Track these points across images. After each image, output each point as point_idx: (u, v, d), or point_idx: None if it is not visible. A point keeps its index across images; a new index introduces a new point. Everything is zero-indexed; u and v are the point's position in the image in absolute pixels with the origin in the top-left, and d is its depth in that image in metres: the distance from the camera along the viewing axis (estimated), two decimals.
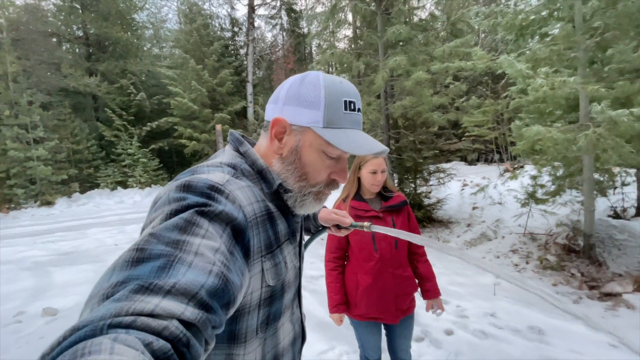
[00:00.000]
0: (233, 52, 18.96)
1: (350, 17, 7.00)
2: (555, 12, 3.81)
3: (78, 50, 15.23)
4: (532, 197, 4.82)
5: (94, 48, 15.08)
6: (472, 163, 16.89)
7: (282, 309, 0.67)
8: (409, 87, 5.23)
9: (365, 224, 0.90)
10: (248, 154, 0.66)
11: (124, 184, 13.48)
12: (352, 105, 0.62)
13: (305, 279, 3.85)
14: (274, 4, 17.89)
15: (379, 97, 6.12)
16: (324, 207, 1.00)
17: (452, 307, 3.11)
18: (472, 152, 13.87)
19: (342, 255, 1.65)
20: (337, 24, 6.64)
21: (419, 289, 1.66)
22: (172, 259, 0.40)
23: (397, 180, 6.44)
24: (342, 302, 1.60)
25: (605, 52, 3.43)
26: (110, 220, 8.34)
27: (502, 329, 2.71)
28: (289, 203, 0.67)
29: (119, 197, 12.16)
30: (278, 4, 18.00)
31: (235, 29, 19.26)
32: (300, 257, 0.76)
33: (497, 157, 13.45)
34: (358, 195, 1.62)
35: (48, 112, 12.07)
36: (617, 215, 5.06)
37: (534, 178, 4.95)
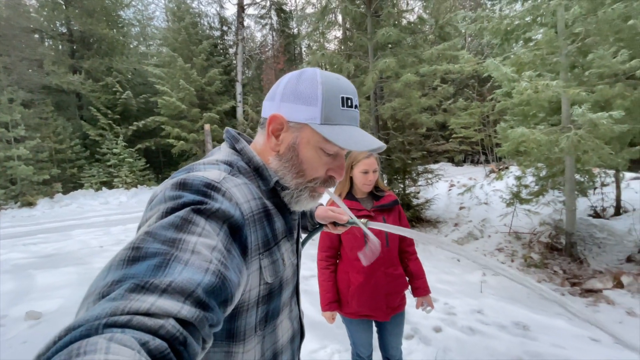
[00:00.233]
0: (222, 51, 18.78)
1: (340, 18, 7.04)
2: (539, 17, 3.93)
3: (61, 47, 14.80)
4: (516, 197, 4.95)
5: (78, 45, 14.70)
6: (459, 164, 17.21)
7: (280, 307, 0.67)
8: (398, 88, 5.30)
9: (362, 221, 0.91)
10: (244, 151, 0.65)
11: (109, 185, 13.17)
12: (349, 102, 0.62)
13: None
14: (264, 4, 17.80)
15: (369, 98, 6.18)
16: (321, 204, 1.01)
17: (440, 304, 3.17)
18: (459, 153, 14.13)
19: (334, 254, 1.67)
20: (327, 25, 6.67)
21: (410, 287, 1.70)
22: (168, 258, 0.40)
23: (386, 181, 6.51)
24: (334, 300, 1.61)
25: (586, 57, 3.56)
26: (95, 222, 8.13)
27: (488, 325, 2.77)
28: (285, 200, 0.67)
29: (104, 197, 11.88)
30: (268, 4, 17.92)
31: (225, 28, 19.09)
32: (298, 254, 0.77)
33: (483, 158, 13.74)
34: (350, 195, 1.64)
35: (29, 110, 11.69)
36: (597, 215, 5.25)
37: (519, 179, 5.09)
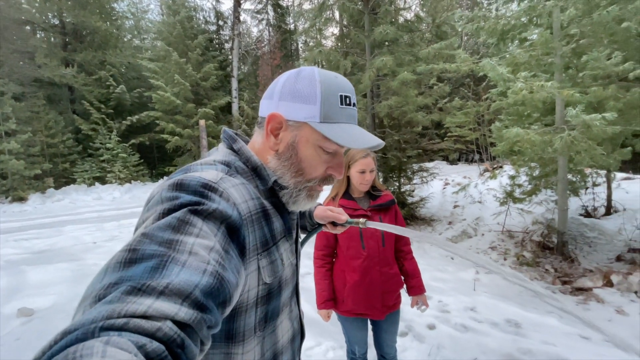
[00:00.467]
0: (218, 46, 18.60)
1: (338, 15, 7.01)
2: (535, 18, 3.96)
3: (53, 40, 14.52)
4: (510, 196, 5.01)
5: (71, 37, 14.44)
6: (453, 162, 17.33)
7: (280, 307, 0.67)
8: (395, 87, 5.31)
9: (361, 220, 0.92)
10: (242, 151, 0.65)
11: (102, 180, 13.03)
12: (347, 100, 0.63)
13: None
14: None
15: (365, 96, 6.18)
16: (319, 204, 1.02)
17: (434, 302, 3.20)
18: (453, 152, 14.22)
19: (330, 253, 1.68)
20: (324, 22, 6.64)
21: (405, 286, 1.72)
22: (165, 259, 0.39)
23: (382, 179, 6.54)
24: (330, 298, 1.63)
25: (580, 58, 3.60)
26: (88, 217, 8.05)
27: (481, 323, 2.82)
28: (284, 199, 0.67)
29: (97, 193, 11.75)
30: None
31: (220, 23, 18.90)
32: (297, 254, 0.77)
33: (477, 157, 13.85)
34: (347, 194, 1.65)
35: (21, 103, 11.49)
36: (588, 214, 5.33)
37: (512, 178, 5.15)
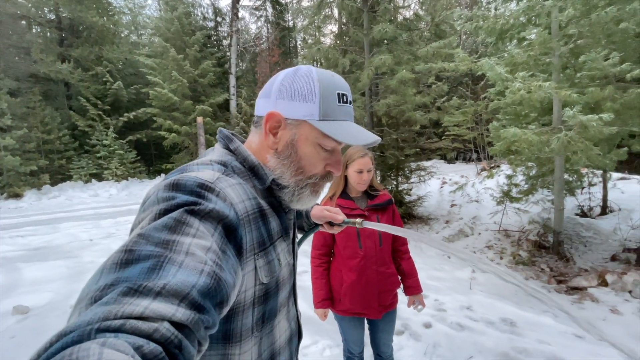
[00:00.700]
0: (216, 42, 18.50)
1: (337, 13, 6.98)
2: (534, 18, 3.96)
3: (50, 35, 14.38)
4: (507, 195, 5.03)
5: (67, 33, 14.29)
6: (451, 161, 17.37)
7: (277, 307, 0.67)
8: (393, 85, 5.30)
9: (357, 220, 0.92)
10: (239, 151, 0.65)
11: (99, 177, 12.96)
12: (344, 98, 0.64)
13: None
14: None
15: (364, 94, 6.17)
16: (317, 204, 1.01)
17: (430, 301, 3.22)
18: (451, 150, 14.25)
19: (327, 252, 1.68)
20: (323, 20, 6.62)
21: (401, 285, 1.72)
22: (161, 260, 0.39)
23: (379, 178, 6.55)
24: (326, 297, 1.63)
25: (578, 58, 3.61)
26: (84, 214, 8.01)
27: (477, 321, 2.83)
28: (286, 198, 0.67)
29: (94, 190, 11.70)
30: None
31: (219, 19, 18.79)
32: (294, 254, 0.76)
33: (475, 156, 13.89)
34: (345, 194, 1.65)
35: (16, 99, 11.38)
36: (584, 214, 5.37)
37: (509, 177, 5.17)
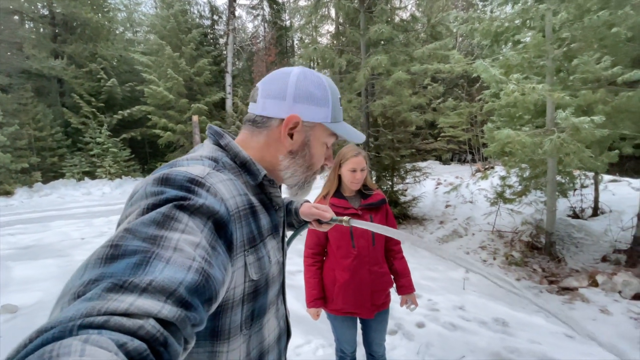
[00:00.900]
0: (212, 41, 18.40)
1: (334, 13, 6.98)
2: (528, 21, 4.00)
3: (43, 30, 14.18)
4: (500, 196, 5.07)
5: (61, 28, 14.11)
6: (446, 162, 17.47)
7: (267, 305, 0.66)
8: (389, 86, 5.32)
9: (345, 218, 0.92)
10: (230, 147, 0.65)
11: (92, 175, 12.82)
12: (340, 101, 0.72)
13: None
14: None
15: (360, 94, 6.18)
16: (307, 201, 1.01)
17: (424, 300, 3.23)
18: (446, 152, 14.34)
19: (320, 251, 1.67)
20: (320, 19, 6.62)
21: (394, 285, 1.72)
22: (148, 256, 0.38)
23: (375, 178, 6.56)
24: (319, 297, 1.63)
25: (571, 62, 3.65)
26: (77, 213, 7.92)
27: (469, 321, 2.85)
28: (292, 192, 0.72)
29: (86, 188, 11.57)
30: None
31: (215, 17, 18.69)
32: (284, 252, 0.76)
33: (470, 157, 13.99)
34: (338, 193, 1.64)
35: (8, 95, 11.23)
36: (575, 215, 5.43)
37: (503, 179, 5.21)
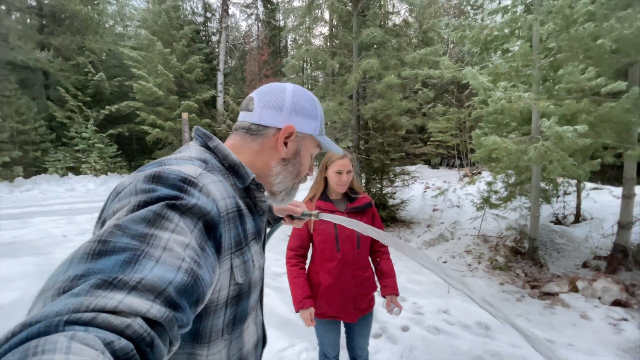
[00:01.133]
0: (205, 38, 18.23)
1: (327, 15, 7.00)
2: (517, 30, 4.08)
3: (29, 21, 13.79)
4: (486, 201, 5.15)
5: (48, 20, 13.76)
6: (435, 167, 17.71)
7: (248, 310, 0.67)
8: (380, 90, 5.35)
9: (314, 212, 0.93)
10: (218, 149, 0.65)
11: (76, 170, 12.50)
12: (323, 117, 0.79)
13: (270, 276, 3.83)
14: None
15: (351, 97, 6.20)
16: None
17: (409, 304, 3.25)
18: (435, 156, 14.51)
19: (303, 254, 1.65)
20: (313, 20, 6.62)
21: (379, 286, 1.71)
22: (138, 253, 0.38)
23: (364, 180, 6.59)
24: (308, 295, 1.54)
25: (557, 71, 3.73)
26: (59, 209, 7.70)
27: (453, 325, 2.88)
28: (278, 198, 0.75)
29: (70, 184, 11.27)
30: None
31: (208, 15, 18.54)
32: (264, 257, 0.77)
33: (458, 162, 14.19)
34: (325, 195, 1.64)
35: None
36: (558, 222, 5.56)
37: (490, 184, 5.30)
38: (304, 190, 1.69)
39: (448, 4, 18.23)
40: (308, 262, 1.70)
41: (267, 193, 0.75)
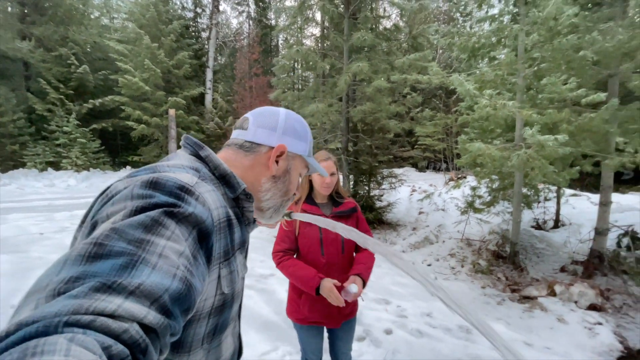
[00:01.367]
0: (194, 34, 17.99)
1: (319, 16, 7.00)
2: (503, 39, 4.18)
3: (10, 9, 13.27)
4: (470, 206, 5.25)
5: (30, 9, 13.27)
6: (422, 170, 17.95)
7: (229, 320, 0.67)
8: (370, 93, 5.39)
9: (286, 212, 0.94)
10: (210, 159, 0.66)
11: (57, 165, 12.10)
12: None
13: (254, 278, 3.80)
14: None
15: (341, 99, 6.22)
16: None
17: (393, 307, 3.27)
18: (422, 159, 14.71)
19: (291, 255, 1.62)
20: (305, 21, 6.61)
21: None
22: (135, 259, 0.38)
23: (352, 182, 6.61)
24: (315, 273, 1.46)
25: (540, 81, 3.84)
26: (37, 206, 7.44)
27: (436, 328, 2.92)
28: (266, 215, 0.76)
29: (49, 179, 10.90)
30: None
31: (198, 10, 18.29)
32: (247, 267, 0.78)
33: (444, 166, 14.42)
34: (310, 199, 1.63)
35: None
36: (538, 226, 5.72)
37: (474, 189, 5.40)
38: None
39: (438, 10, 18.54)
40: None
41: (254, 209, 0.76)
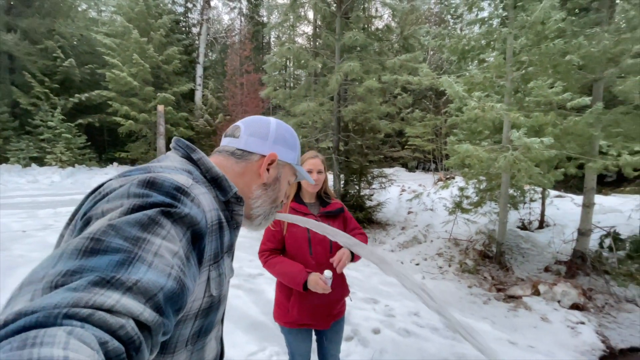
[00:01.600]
0: (185, 29, 17.73)
1: (311, 14, 6.98)
2: (492, 42, 4.24)
3: None
4: (458, 206, 5.32)
5: (16, 0, 12.86)
6: (411, 170, 18.12)
7: (214, 323, 0.67)
8: (361, 93, 5.39)
9: None
10: (202, 162, 0.66)
11: (40, 161, 11.77)
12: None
13: (243, 278, 3.77)
14: None
15: (333, 99, 6.21)
16: None
17: (381, 306, 3.29)
18: (412, 160, 14.84)
19: (277, 252, 1.60)
20: (297, 19, 6.57)
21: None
22: (132, 256, 0.38)
23: (343, 182, 6.62)
24: (303, 268, 1.47)
25: (528, 84, 3.91)
26: (19, 202, 7.23)
27: (423, 328, 2.95)
28: (255, 222, 0.77)
29: (33, 175, 10.60)
30: None
31: (189, 5, 18.03)
32: (233, 271, 0.78)
33: (433, 166, 14.58)
34: (298, 198, 1.62)
35: None
36: (524, 227, 5.83)
37: (462, 190, 5.47)
38: None
39: (429, 12, 18.69)
40: None
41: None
